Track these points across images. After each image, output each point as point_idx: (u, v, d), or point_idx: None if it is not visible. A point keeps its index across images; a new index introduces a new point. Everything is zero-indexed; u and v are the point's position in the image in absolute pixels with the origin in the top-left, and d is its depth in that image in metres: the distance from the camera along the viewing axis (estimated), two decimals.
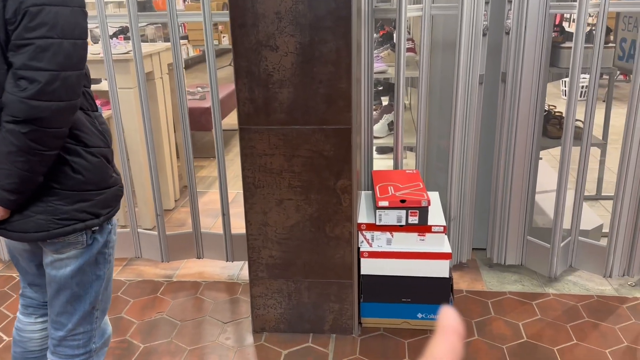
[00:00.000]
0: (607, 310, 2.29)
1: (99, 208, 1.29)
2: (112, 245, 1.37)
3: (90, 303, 1.37)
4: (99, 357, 1.46)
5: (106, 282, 1.39)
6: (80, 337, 1.39)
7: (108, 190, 1.30)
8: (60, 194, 1.23)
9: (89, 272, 1.33)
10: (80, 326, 1.37)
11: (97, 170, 1.27)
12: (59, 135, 1.17)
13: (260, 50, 1.86)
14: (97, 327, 1.42)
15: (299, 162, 1.99)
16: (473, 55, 2.31)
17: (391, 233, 2.11)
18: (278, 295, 2.15)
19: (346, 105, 1.91)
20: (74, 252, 1.30)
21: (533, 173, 2.46)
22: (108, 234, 1.35)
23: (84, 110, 1.26)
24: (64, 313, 1.35)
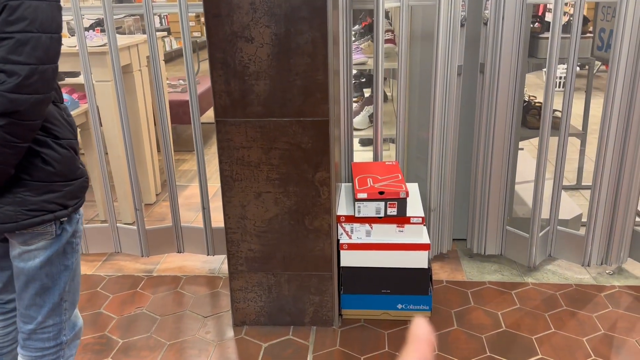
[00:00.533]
0: (585, 298, 2.31)
1: (67, 199, 1.29)
2: (79, 235, 1.38)
3: (59, 294, 1.37)
4: (70, 349, 1.45)
5: (73, 272, 1.40)
6: (50, 330, 1.38)
7: (76, 181, 1.31)
8: (29, 185, 1.23)
9: (57, 262, 1.34)
10: (49, 318, 1.37)
11: (67, 162, 1.27)
12: (33, 128, 1.18)
13: (235, 42, 1.84)
14: (66, 320, 1.41)
15: (276, 155, 1.97)
16: (451, 46, 2.30)
17: (370, 225, 2.11)
18: (258, 289, 2.14)
19: (323, 97, 1.90)
20: (42, 244, 1.30)
21: (512, 163, 2.47)
22: (76, 224, 1.36)
23: (55, 102, 1.27)
24: (33, 305, 1.35)
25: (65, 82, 3.58)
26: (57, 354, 1.41)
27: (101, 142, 2.57)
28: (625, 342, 2.04)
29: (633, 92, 2.22)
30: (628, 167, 2.32)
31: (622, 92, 2.23)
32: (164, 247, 2.67)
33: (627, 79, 2.21)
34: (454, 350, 2.01)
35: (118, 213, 3.12)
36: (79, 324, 1.48)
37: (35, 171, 1.23)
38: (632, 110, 2.24)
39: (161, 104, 2.45)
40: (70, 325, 1.44)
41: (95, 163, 2.81)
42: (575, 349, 2.00)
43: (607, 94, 2.24)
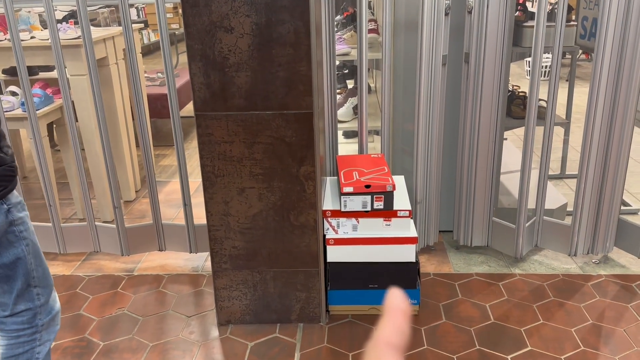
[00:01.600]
0: (572, 288, 2.31)
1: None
2: (20, 223, 1.35)
3: (23, 281, 1.38)
4: (48, 334, 1.46)
5: (33, 259, 1.39)
6: (24, 314, 1.40)
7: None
8: None
9: (4, 253, 1.33)
10: (20, 304, 1.39)
11: None
12: None
13: (214, 32, 1.77)
14: (41, 304, 1.43)
15: (259, 149, 1.92)
16: (435, 35, 2.26)
17: (357, 219, 2.07)
18: (243, 287, 2.09)
19: (307, 89, 1.85)
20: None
21: (497, 154, 2.45)
22: (7, 213, 1.32)
23: None
24: (4, 293, 1.37)
25: (39, 77, 3.46)
26: (33, 337, 1.43)
27: (77, 138, 2.48)
28: (614, 331, 2.04)
29: (618, 80, 2.20)
30: (613, 156, 2.32)
31: (607, 81, 2.21)
32: (144, 245, 2.60)
33: (612, 67, 2.19)
34: (443, 344, 1.98)
35: (97, 211, 3.04)
36: (56, 307, 1.48)
37: None
38: (617, 99, 2.23)
39: (139, 98, 2.37)
40: (47, 309, 1.44)
41: (72, 160, 2.72)
42: (564, 340, 1.99)
43: (592, 83, 2.23)
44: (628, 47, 2.15)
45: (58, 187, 3.52)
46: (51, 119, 2.83)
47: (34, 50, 2.74)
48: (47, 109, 2.76)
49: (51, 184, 2.58)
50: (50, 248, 2.64)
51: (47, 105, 2.79)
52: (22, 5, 2.48)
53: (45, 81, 3.03)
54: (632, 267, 2.44)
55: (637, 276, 2.38)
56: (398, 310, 0.45)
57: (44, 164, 2.53)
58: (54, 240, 2.62)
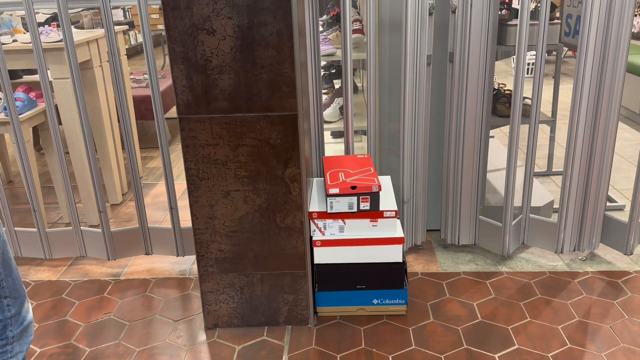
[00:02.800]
0: (559, 286, 2.32)
1: None
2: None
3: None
4: (20, 345, 1.41)
5: (2, 269, 1.34)
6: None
7: None
8: None
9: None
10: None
11: None
12: None
13: (196, 34, 1.76)
14: (11, 316, 1.38)
15: (244, 152, 1.91)
16: (420, 35, 2.26)
17: (343, 220, 2.06)
18: (230, 290, 2.08)
19: (291, 90, 1.84)
20: None
21: (483, 152, 2.46)
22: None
23: None
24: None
25: (22, 80, 3.43)
26: (4, 349, 1.38)
27: (60, 142, 2.45)
28: (600, 328, 2.05)
29: (601, 77, 2.22)
30: (598, 153, 2.33)
31: (591, 78, 2.22)
32: (131, 249, 2.58)
33: (595, 64, 2.20)
34: (430, 344, 1.99)
35: (82, 215, 3.01)
36: (28, 318, 1.43)
37: None
38: (601, 96, 2.24)
39: (122, 100, 2.34)
40: (18, 321, 1.40)
41: (56, 164, 2.69)
42: (551, 338, 2.00)
43: (576, 80, 2.24)
44: (611, 44, 2.16)
45: (44, 191, 3.48)
46: (35, 122, 2.79)
47: (16, 54, 2.71)
48: (30, 112, 2.73)
49: (35, 189, 2.55)
50: (35, 254, 2.61)
51: (31, 109, 2.76)
52: (3, 8, 2.45)
53: (28, 85, 2.99)
54: (618, 264, 2.46)
55: (623, 272, 2.40)
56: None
57: (28, 168, 2.50)
58: (39, 246, 2.59)
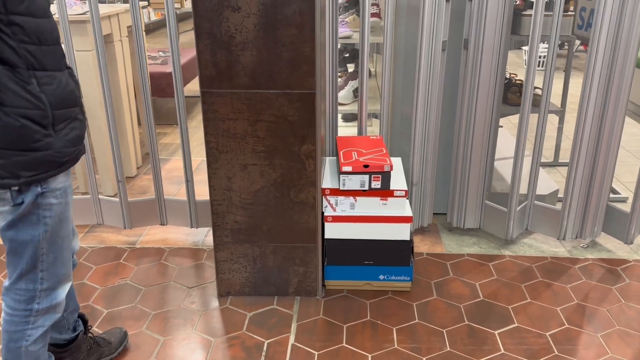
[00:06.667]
0: (560, 270, 2.40)
1: (19, 169, 1.27)
2: (48, 208, 1.36)
3: (30, 262, 1.40)
4: (45, 320, 1.47)
5: (48, 244, 1.40)
6: (22, 293, 1.42)
7: (31, 153, 1.27)
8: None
9: (22, 230, 1.36)
10: (21, 282, 1.41)
11: (11, 131, 1.23)
12: None
13: (221, 11, 1.82)
14: (42, 289, 1.44)
15: (263, 127, 1.98)
16: (436, 21, 2.32)
17: (354, 197, 2.14)
18: (243, 260, 2.17)
19: (310, 69, 1.90)
20: (6, 208, 1.34)
21: (492, 139, 2.52)
22: (39, 196, 1.33)
23: (13, 67, 1.22)
24: (9, 265, 1.42)
25: None
26: (27, 319, 1.45)
27: None
28: (597, 311, 2.13)
29: (611, 71, 2.27)
30: (604, 145, 2.39)
31: (601, 72, 2.28)
32: (146, 219, 2.66)
33: (606, 58, 2.25)
34: (433, 319, 2.07)
35: (99, 185, 3.10)
36: (59, 298, 1.49)
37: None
38: (610, 90, 2.30)
39: (144, 75, 2.41)
40: (48, 296, 1.46)
41: None
42: (549, 318, 2.08)
43: (586, 73, 2.29)
44: (622, 38, 2.21)
45: None
46: None
47: None
48: None
49: None
50: None
51: None
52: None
53: None
54: (618, 252, 2.53)
55: (622, 260, 2.47)
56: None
57: None
58: None
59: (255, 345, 1.94)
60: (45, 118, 1.27)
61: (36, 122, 1.26)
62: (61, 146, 1.32)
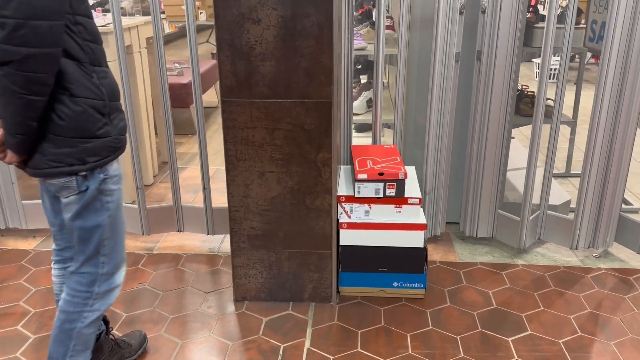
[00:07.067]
0: (572, 279, 2.41)
1: (86, 155, 1.40)
2: (109, 194, 1.48)
3: (95, 247, 1.51)
4: (101, 304, 1.58)
5: (110, 229, 1.52)
6: (85, 277, 1.54)
7: (96, 139, 1.40)
8: (49, 138, 1.36)
9: (88, 217, 1.47)
10: (85, 266, 1.53)
11: (80, 119, 1.37)
12: (37, 81, 1.26)
13: (242, 23, 1.88)
14: (103, 273, 1.56)
15: (280, 135, 2.03)
16: (450, 33, 2.37)
17: (369, 205, 2.18)
18: (259, 265, 2.21)
19: (327, 79, 1.96)
20: (73, 197, 1.44)
21: (505, 149, 2.55)
22: (102, 182, 1.45)
23: (79, 61, 1.35)
24: (77, 252, 1.52)
25: None
26: (86, 301, 1.56)
27: None
28: (610, 320, 2.14)
29: (622, 83, 2.30)
30: (616, 156, 2.41)
31: (613, 83, 2.31)
32: (164, 226, 2.72)
33: (617, 70, 2.29)
34: (447, 326, 2.10)
35: None
36: (117, 281, 1.60)
37: (52, 125, 1.35)
38: (621, 101, 2.33)
39: (164, 84, 2.48)
40: (107, 281, 1.57)
41: None
42: (562, 326, 2.10)
43: (598, 85, 2.33)
44: (634, 51, 2.24)
45: None
46: None
47: None
48: None
49: None
50: None
51: None
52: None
53: None
54: (631, 262, 2.55)
55: (635, 270, 2.48)
56: None
57: None
58: None
59: (271, 349, 1.98)
60: (105, 107, 1.41)
61: (99, 111, 1.39)
62: (116, 133, 1.45)
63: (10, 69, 1.23)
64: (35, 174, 1.42)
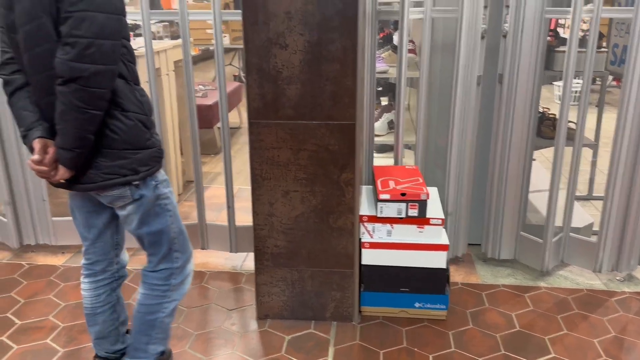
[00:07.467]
0: (596, 303, 2.39)
1: (137, 165, 1.51)
2: (165, 197, 1.61)
3: (167, 246, 1.65)
4: (177, 293, 1.74)
5: (176, 228, 1.65)
6: (163, 272, 1.69)
7: (145, 150, 1.52)
8: (103, 152, 1.46)
9: (152, 223, 1.59)
10: (162, 263, 1.68)
11: (132, 132, 1.48)
12: (100, 96, 1.37)
13: (270, 48, 1.95)
14: (177, 267, 1.70)
15: (305, 156, 2.08)
16: (472, 57, 2.41)
17: (391, 225, 2.20)
18: (282, 284, 2.24)
19: (351, 102, 2.01)
20: (130, 207, 1.55)
21: (527, 171, 2.57)
22: (154, 189, 1.57)
23: (126, 80, 1.47)
24: (151, 254, 1.68)
25: None
26: (165, 293, 1.70)
27: None
28: (635, 344, 2.12)
29: None
30: (639, 178, 2.41)
31: (635, 105, 2.32)
32: None
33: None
34: (469, 348, 2.09)
35: None
36: (187, 270, 1.75)
37: (106, 139, 1.45)
38: None
39: (192, 105, 2.56)
40: (181, 273, 1.72)
41: None
42: (586, 350, 2.08)
43: (620, 107, 2.34)
44: None
45: None
46: None
47: None
48: None
49: None
50: None
51: None
52: None
53: None
54: None
55: None
56: None
57: None
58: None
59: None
60: (148, 121, 1.53)
61: (144, 124, 1.51)
62: (158, 145, 1.57)
63: (77, 85, 1.32)
64: (89, 188, 1.51)
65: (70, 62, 1.31)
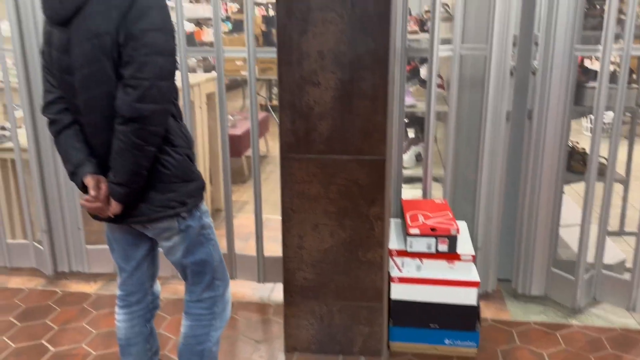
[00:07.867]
0: (630, 343, 2.33)
1: (185, 197, 1.57)
2: (207, 226, 1.66)
3: (210, 275, 1.69)
4: (221, 321, 1.77)
5: (217, 257, 1.70)
6: (207, 302, 1.73)
7: (191, 182, 1.59)
8: (155, 186, 1.52)
9: (197, 252, 1.64)
10: (205, 292, 1.72)
11: (181, 166, 1.55)
12: (157, 133, 1.46)
13: (303, 86, 2.01)
14: (220, 295, 1.73)
15: (334, 190, 2.11)
16: (501, 93, 2.43)
17: (421, 259, 2.20)
18: (311, 317, 2.24)
19: (381, 137, 2.04)
20: (176, 238, 1.60)
21: (557, 206, 2.55)
22: (199, 219, 1.62)
23: (174, 117, 1.55)
24: (194, 284, 1.71)
25: None
26: (211, 322, 1.74)
27: None
28: None
29: None
30: None
31: None
32: None
33: None
34: None
35: None
36: (228, 297, 1.78)
37: (158, 174, 1.51)
38: None
39: (224, 138, 2.63)
40: (222, 300, 1.75)
41: None
42: None
43: None
44: None
45: None
46: None
47: None
48: None
49: None
50: None
51: None
52: None
53: None
54: None
55: None
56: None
57: None
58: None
59: None
60: (192, 155, 1.60)
61: (190, 158, 1.58)
62: (201, 177, 1.63)
63: (138, 124, 1.40)
64: (140, 221, 1.56)
65: (134, 103, 1.38)
